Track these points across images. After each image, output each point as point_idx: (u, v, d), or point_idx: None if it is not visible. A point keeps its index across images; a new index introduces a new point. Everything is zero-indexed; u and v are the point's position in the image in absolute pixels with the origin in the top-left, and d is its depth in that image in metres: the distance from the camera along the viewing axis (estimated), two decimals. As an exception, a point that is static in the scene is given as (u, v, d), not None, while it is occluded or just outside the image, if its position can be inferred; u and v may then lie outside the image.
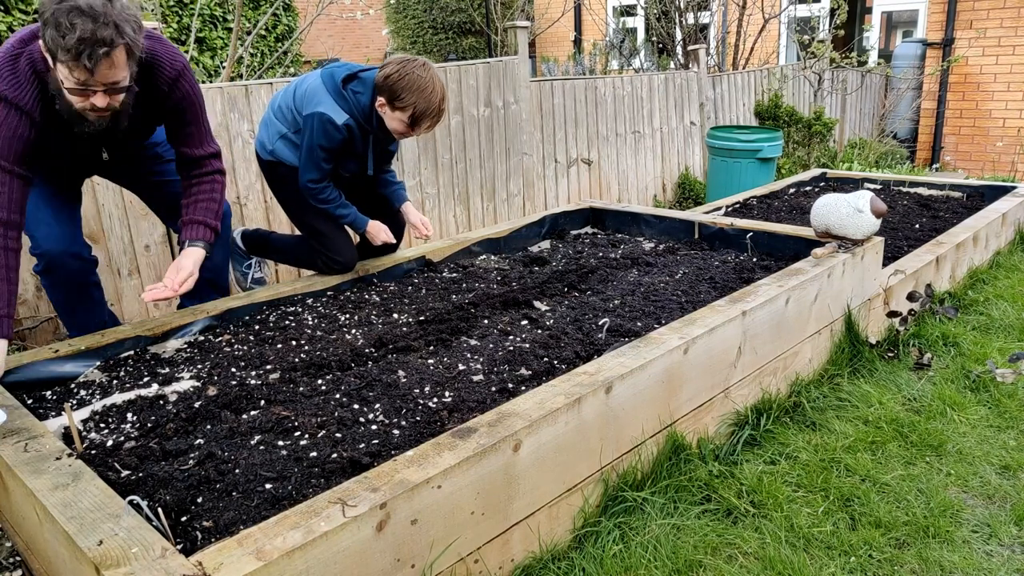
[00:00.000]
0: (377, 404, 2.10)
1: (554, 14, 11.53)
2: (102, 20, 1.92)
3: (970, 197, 5.11)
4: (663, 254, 3.52)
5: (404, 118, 2.81)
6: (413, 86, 2.75)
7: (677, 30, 8.45)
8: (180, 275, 2.33)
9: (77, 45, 1.90)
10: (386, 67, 2.82)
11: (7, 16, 4.86)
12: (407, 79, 2.75)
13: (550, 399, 1.92)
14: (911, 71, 8.81)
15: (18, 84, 2.07)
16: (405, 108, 2.78)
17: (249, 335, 2.62)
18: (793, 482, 2.34)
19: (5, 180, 2.06)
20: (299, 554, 1.39)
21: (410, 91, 2.75)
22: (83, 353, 2.37)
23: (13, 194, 2.08)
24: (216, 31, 6.46)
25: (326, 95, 2.86)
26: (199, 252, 2.44)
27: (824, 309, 2.93)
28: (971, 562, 1.99)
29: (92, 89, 2.03)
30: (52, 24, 1.91)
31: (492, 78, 4.91)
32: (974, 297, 3.88)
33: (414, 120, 2.81)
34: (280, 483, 1.72)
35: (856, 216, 3.02)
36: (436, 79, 2.79)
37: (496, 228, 3.74)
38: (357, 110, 2.87)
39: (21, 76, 2.07)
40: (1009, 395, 2.86)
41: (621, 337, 2.50)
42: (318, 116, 2.82)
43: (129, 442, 1.94)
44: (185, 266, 2.36)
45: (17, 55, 2.09)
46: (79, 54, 1.92)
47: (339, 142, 2.87)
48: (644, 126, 6.32)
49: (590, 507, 2.06)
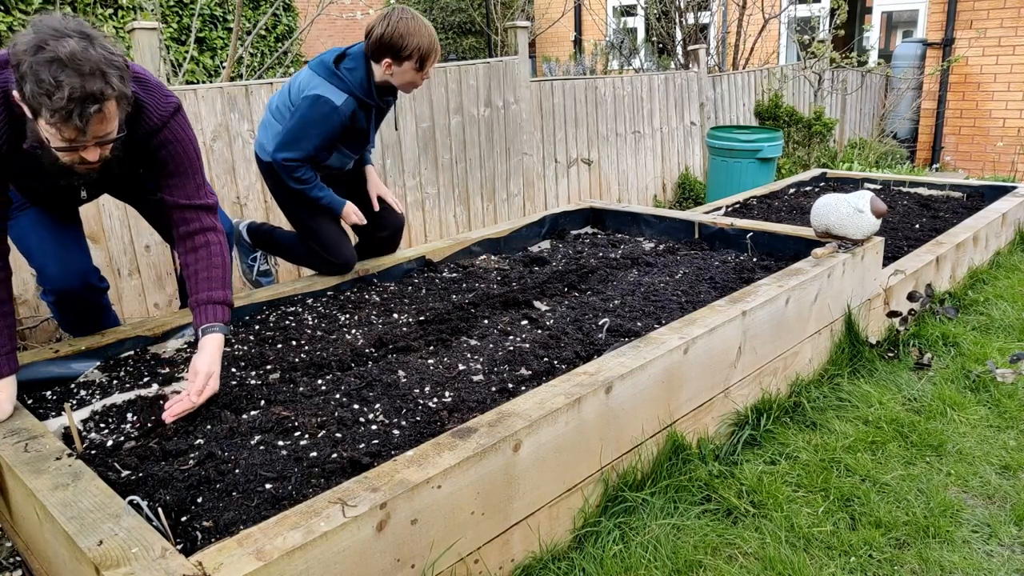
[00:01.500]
0: (377, 404, 2.10)
1: (554, 14, 11.52)
2: (87, 71, 1.72)
3: (970, 197, 5.11)
4: (663, 254, 3.52)
5: (413, 65, 2.85)
6: (409, 31, 2.79)
7: (677, 30, 8.45)
8: (198, 381, 2.03)
9: (67, 106, 1.71)
10: (373, 32, 2.84)
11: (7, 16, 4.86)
12: (401, 28, 2.79)
13: (550, 399, 1.92)
14: (911, 71, 8.81)
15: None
16: (411, 55, 2.81)
17: (249, 335, 2.62)
18: (793, 482, 2.34)
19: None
20: (299, 554, 1.39)
21: (409, 37, 2.79)
22: (83, 353, 2.36)
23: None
24: (216, 31, 6.46)
25: (320, 80, 2.86)
26: (218, 339, 2.12)
27: (824, 309, 2.93)
28: (971, 562, 1.99)
29: (82, 144, 1.83)
30: (32, 79, 1.70)
31: (492, 78, 4.91)
32: (974, 297, 3.88)
33: (422, 61, 2.85)
34: (280, 483, 1.72)
35: (856, 216, 3.02)
36: (419, 16, 2.86)
37: (496, 228, 3.74)
38: (355, 86, 2.87)
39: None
40: (1009, 395, 2.86)
41: (621, 337, 2.50)
42: (313, 97, 2.81)
43: (129, 442, 1.94)
44: (200, 368, 2.05)
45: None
46: (69, 114, 1.72)
47: (339, 125, 2.86)
48: (644, 126, 6.32)
49: (590, 507, 2.06)
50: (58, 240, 2.39)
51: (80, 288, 2.42)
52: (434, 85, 4.55)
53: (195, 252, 2.21)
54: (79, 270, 2.41)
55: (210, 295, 2.17)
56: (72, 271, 2.39)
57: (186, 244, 2.22)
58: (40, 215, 2.37)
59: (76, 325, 2.52)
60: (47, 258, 2.36)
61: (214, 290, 2.18)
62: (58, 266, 2.36)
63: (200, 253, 2.21)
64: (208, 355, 2.08)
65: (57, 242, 2.38)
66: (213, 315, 2.16)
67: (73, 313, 2.49)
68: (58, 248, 2.38)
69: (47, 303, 2.52)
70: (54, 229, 2.39)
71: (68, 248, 2.40)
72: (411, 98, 4.43)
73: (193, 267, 2.20)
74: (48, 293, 2.44)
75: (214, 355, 2.09)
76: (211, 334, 2.13)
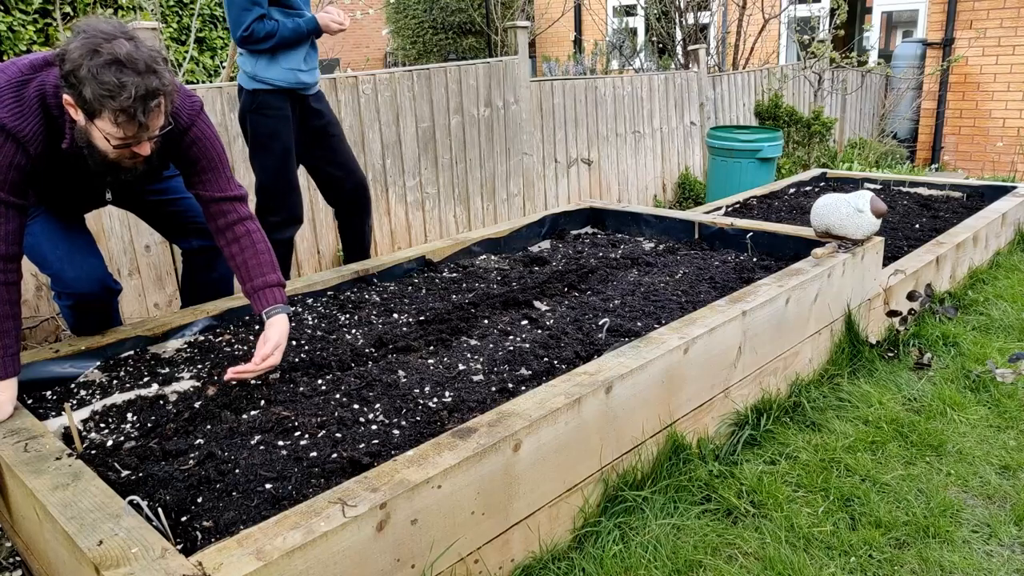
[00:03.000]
0: (377, 404, 2.10)
1: (554, 14, 11.53)
2: (143, 69, 1.85)
3: (970, 197, 5.11)
4: (663, 254, 3.52)
5: None
6: None
7: (677, 30, 8.45)
8: (266, 348, 2.13)
9: (132, 105, 1.84)
10: None
11: (7, 16, 4.86)
12: None
13: (550, 399, 1.92)
14: (911, 71, 8.82)
15: (21, 114, 1.96)
16: None
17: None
18: (793, 482, 2.34)
19: (3, 212, 1.97)
20: (299, 554, 1.39)
21: None
22: (83, 353, 2.36)
23: (10, 225, 1.99)
24: (216, 31, 6.46)
25: None
26: (284, 318, 2.22)
27: (824, 309, 2.93)
28: (971, 562, 1.99)
29: (139, 139, 1.96)
30: (93, 82, 1.81)
31: (492, 78, 4.91)
32: (974, 297, 3.88)
33: None
34: (280, 483, 1.72)
35: (856, 216, 3.02)
36: None
37: (496, 228, 3.74)
38: None
39: (26, 105, 1.97)
40: (1009, 395, 2.86)
41: (621, 337, 2.50)
42: None
43: (129, 442, 1.94)
44: (271, 337, 2.16)
45: (25, 82, 1.98)
46: (133, 113, 1.85)
47: None
48: (644, 126, 6.32)
49: (590, 507, 2.06)
50: (72, 245, 2.41)
51: (99, 292, 2.44)
52: (434, 85, 4.56)
53: (237, 242, 2.30)
54: (96, 274, 2.44)
55: (265, 280, 2.27)
56: (89, 275, 2.41)
57: (226, 235, 2.31)
58: (50, 222, 2.39)
59: (90, 329, 2.52)
60: (63, 263, 2.38)
61: (267, 274, 2.28)
62: (75, 271, 2.39)
63: (243, 242, 2.30)
64: (278, 330, 2.19)
65: (72, 247, 2.41)
66: (272, 298, 2.26)
67: (89, 317, 2.50)
68: (73, 253, 2.40)
69: (61, 308, 2.52)
70: (66, 235, 2.41)
71: (82, 253, 2.42)
72: (411, 98, 4.44)
73: (240, 256, 2.29)
74: (65, 298, 2.44)
75: (283, 331, 2.20)
76: (276, 315, 2.23)
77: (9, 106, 1.94)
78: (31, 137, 1.98)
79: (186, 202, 2.66)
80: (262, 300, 2.25)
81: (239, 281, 2.31)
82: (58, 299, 2.48)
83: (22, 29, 4.92)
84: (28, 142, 1.97)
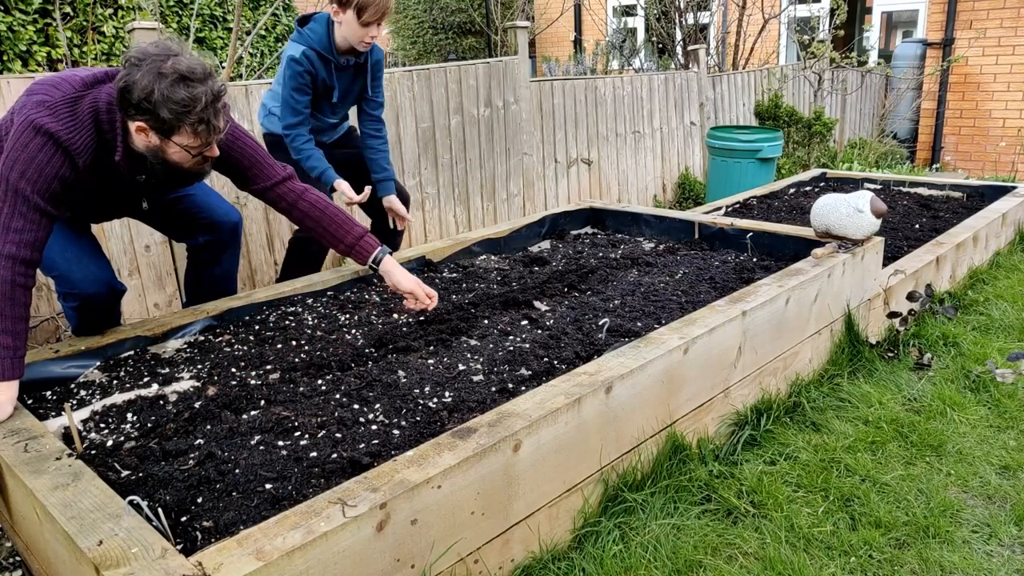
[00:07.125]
0: (377, 404, 2.10)
1: (554, 14, 11.52)
2: (202, 75, 1.97)
3: (970, 197, 5.11)
4: (663, 254, 3.52)
5: (353, 15, 2.91)
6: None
7: (677, 30, 8.45)
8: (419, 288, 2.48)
9: (205, 112, 1.97)
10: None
11: (7, 16, 4.86)
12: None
13: (550, 399, 1.92)
14: (911, 71, 8.81)
15: (75, 127, 2.03)
16: (349, 2, 2.88)
17: (249, 335, 2.62)
18: (793, 482, 2.34)
19: (36, 219, 2.02)
20: (299, 554, 1.39)
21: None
22: (83, 353, 2.36)
23: (40, 233, 2.04)
24: (216, 31, 6.46)
25: (290, 43, 3.03)
26: (391, 259, 2.51)
27: (824, 309, 2.93)
28: (971, 562, 1.99)
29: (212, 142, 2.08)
30: (168, 104, 1.94)
31: (492, 78, 4.91)
32: (974, 297, 3.88)
33: (360, 9, 2.89)
34: (280, 483, 1.72)
35: (856, 216, 3.02)
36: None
37: (496, 228, 3.74)
38: (314, 41, 3.00)
39: (79, 120, 2.04)
40: (1009, 395, 2.86)
41: (621, 337, 2.50)
42: (284, 59, 3.00)
43: (129, 442, 1.94)
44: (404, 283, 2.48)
45: (79, 97, 2.06)
46: (207, 119, 1.99)
47: (303, 74, 2.98)
48: (644, 126, 6.32)
49: (590, 507, 2.06)
50: (80, 248, 2.45)
51: (105, 293, 2.47)
52: (434, 85, 4.55)
53: (310, 216, 2.48)
54: (102, 276, 2.46)
55: (354, 235, 2.49)
56: (96, 277, 2.44)
57: (293, 214, 2.50)
58: (59, 228, 2.41)
59: (93, 330, 2.53)
60: (71, 265, 2.41)
61: (352, 230, 2.49)
62: (83, 273, 2.42)
63: (315, 214, 2.48)
64: (401, 272, 2.50)
65: (80, 250, 2.44)
66: (370, 246, 2.50)
67: (94, 319, 2.52)
68: (81, 255, 2.44)
69: (66, 309, 2.54)
70: (75, 238, 2.45)
71: (90, 255, 2.47)
72: (411, 98, 4.43)
73: (320, 224, 2.48)
74: (71, 299, 2.46)
75: (404, 271, 2.51)
76: (384, 257, 2.50)
77: (64, 119, 2.03)
78: (82, 150, 2.06)
79: (192, 199, 2.69)
80: (361, 252, 2.49)
81: (331, 245, 2.52)
82: (63, 300, 2.50)
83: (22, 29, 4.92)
84: (79, 155, 2.05)
